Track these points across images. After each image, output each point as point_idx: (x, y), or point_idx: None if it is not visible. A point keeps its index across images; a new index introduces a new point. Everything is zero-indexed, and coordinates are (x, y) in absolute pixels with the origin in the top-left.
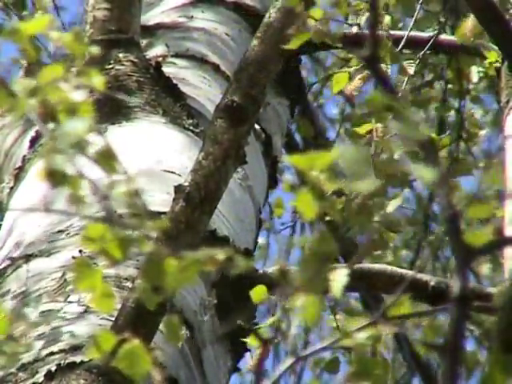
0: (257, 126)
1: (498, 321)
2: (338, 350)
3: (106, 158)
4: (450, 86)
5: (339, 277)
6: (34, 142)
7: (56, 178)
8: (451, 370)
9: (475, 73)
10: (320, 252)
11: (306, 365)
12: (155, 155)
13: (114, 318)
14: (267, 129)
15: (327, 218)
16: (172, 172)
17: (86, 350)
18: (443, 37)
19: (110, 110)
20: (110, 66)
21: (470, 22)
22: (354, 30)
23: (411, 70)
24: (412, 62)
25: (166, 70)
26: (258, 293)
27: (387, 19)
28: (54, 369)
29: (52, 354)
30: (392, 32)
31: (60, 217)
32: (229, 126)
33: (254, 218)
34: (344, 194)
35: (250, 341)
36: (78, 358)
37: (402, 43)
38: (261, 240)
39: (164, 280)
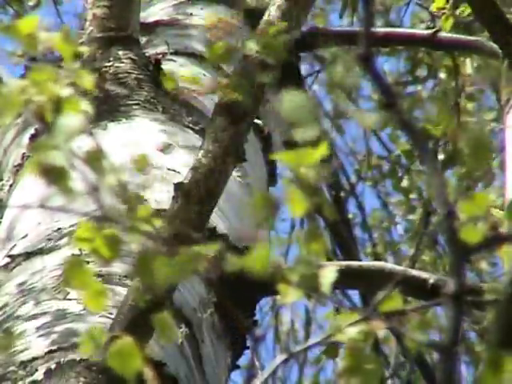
0: (256, 123)
1: (495, 317)
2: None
3: (96, 159)
4: (446, 84)
5: (328, 273)
6: (33, 139)
7: (51, 174)
8: (449, 367)
9: (469, 65)
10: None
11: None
12: (155, 153)
13: (113, 316)
14: (267, 125)
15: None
16: (172, 170)
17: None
18: (442, 34)
19: (110, 108)
20: (110, 64)
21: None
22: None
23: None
24: None
25: (166, 67)
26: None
27: None
28: (53, 367)
29: (51, 351)
30: (389, 29)
31: (60, 214)
32: (228, 123)
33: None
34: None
35: None
36: (77, 356)
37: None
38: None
39: (155, 278)
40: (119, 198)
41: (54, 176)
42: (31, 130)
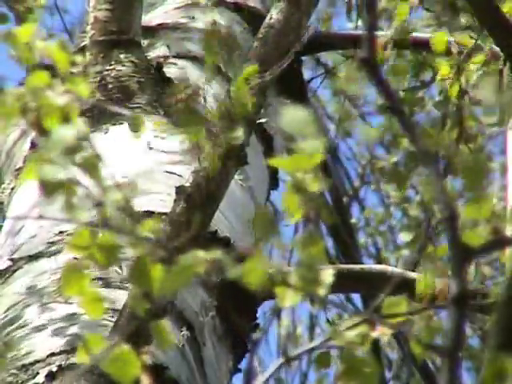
0: (258, 126)
1: (496, 319)
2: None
3: (92, 164)
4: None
5: (325, 276)
6: (35, 142)
7: (49, 188)
8: (451, 370)
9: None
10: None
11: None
12: (156, 156)
13: (115, 319)
14: (268, 129)
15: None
16: (173, 173)
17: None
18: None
19: (111, 111)
20: (111, 67)
21: None
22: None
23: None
24: None
25: (167, 70)
26: None
27: None
28: (54, 370)
29: (53, 354)
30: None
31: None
32: (230, 126)
33: None
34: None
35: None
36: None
37: None
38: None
39: (151, 285)
40: (120, 206)
41: (51, 190)
42: (33, 133)
